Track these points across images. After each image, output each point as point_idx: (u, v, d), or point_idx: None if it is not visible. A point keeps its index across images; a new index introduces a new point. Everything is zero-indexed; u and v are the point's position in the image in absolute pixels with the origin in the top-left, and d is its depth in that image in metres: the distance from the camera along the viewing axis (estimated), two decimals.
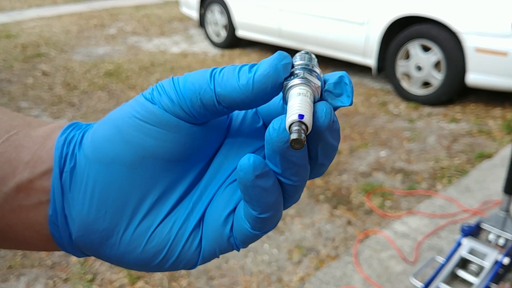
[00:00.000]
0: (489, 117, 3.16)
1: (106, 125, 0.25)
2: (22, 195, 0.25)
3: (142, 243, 0.26)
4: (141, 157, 0.25)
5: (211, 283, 1.73)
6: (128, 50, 5.16)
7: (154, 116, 0.24)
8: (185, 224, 0.26)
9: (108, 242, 0.26)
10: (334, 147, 0.24)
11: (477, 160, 2.60)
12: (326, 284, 1.72)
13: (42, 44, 5.41)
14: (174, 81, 0.25)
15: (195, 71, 0.25)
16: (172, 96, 0.24)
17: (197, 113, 0.24)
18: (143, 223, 0.26)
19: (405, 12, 3.34)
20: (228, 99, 0.24)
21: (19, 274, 1.78)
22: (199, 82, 0.24)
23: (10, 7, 7.93)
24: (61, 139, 0.26)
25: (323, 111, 0.23)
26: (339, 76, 0.24)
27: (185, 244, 0.26)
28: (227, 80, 0.23)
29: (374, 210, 2.16)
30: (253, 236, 0.26)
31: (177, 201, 0.27)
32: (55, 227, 0.26)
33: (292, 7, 4.10)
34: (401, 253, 1.87)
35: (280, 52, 0.24)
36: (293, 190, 0.25)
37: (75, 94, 3.83)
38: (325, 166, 0.26)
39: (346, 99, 0.24)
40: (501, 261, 1.59)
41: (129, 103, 0.25)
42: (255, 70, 0.23)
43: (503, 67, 2.96)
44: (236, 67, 0.24)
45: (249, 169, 0.23)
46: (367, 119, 3.19)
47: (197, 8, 5.30)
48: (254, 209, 0.24)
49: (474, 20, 3.04)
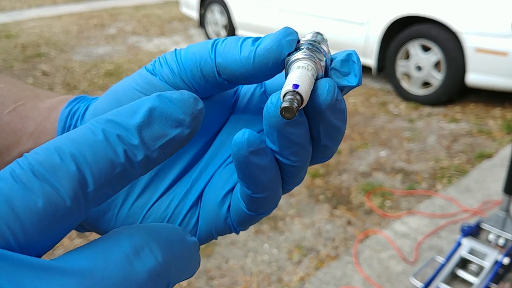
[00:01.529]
0: (489, 117, 3.16)
1: (108, 97, 0.25)
2: None
3: (139, 219, 0.25)
4: None
5: (211, 283, 1.73)
6: (128, 50, 5.16)
7: (154, 87, 0.24)
8: (182, 202, 0.26)
9: (105, 216, 0.25)
10: (338, 128, 0.23)
11: (477, 160, 2.60)
12: (326, 284, 1.72)
13: (42, 44, 5.41)
14: (176, 52, 0.24)
15: (198, 42, 0.24)
16: (173, 67, 0.24)
17: (198, 85, 0.24)
18: (140, 199, 0.25)
19: (405, 12, 3.34)
20: (228, 71, 0.23)
21: None
22: (200, 53, 0.23)
23: (10, 7, 7.92)
24: (66, 111, 0.26)
25: (326, 87, 0.21)
26: (347, 54, 0.23)
27: (182, 223, 0.26)
28: (229, 51, 0.23)
29: (374, 210, 2.16)
30: (249, 217, 0.25)
31: (176, 178, 0.26)
32: None
33: (292, 7, 4.10)
34: (401, 253, 1.87)
35: (286, 27, 0.23)
36: (292, 171, 0.23)
37: (75, 94, 3.83)
38: (330, 148, 0.24)
39: (354, 78, 0.22)
40: (501, 261, 1.59)
41: (132, 75, 0.25)
42: (258, 44, 0.22)
43: (503, 67, 2.95)
44: (239, 38, 0.23)
45: (242, 145, 0.21)
46: (367, 119, 3.19)
47: (197, 8, 5.30)
48: (248, 187, 0.23)
49: (474, 20, 3.04)
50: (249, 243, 1.94)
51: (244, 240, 1.96)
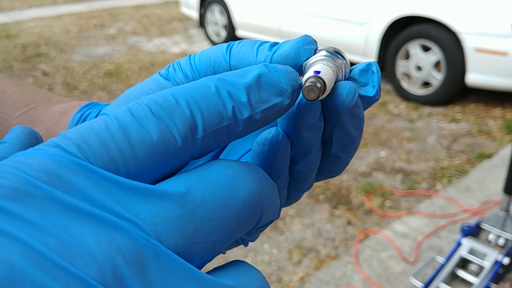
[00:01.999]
0: (489, 117, 3.16)
1: (120, 102, 0.25)
2: None
3: None
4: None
5: None
6: (128, 50, 5.16)
7: None
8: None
9: None
10: (352, 137, 0.22)
11: (477, 160, 2.61)
12: (326, 284, 1.72)
13: (42, 44, 5.41)
14: (190, 57, 0.24)
15: (212, 46, 0.24)
16: (187, 72, 0.23)
17: None
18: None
19: (405, 12, 3.34)
20: None
21: None
22: (215, 55, 0.23)
23: (10, 7, 7.92)
24: (77, 116, 0.25)
25: (346, 88, 0.20)
26: (367, 64, 0.22)
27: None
28: (244, 53, 0.22)
29: (374, 210, 2.16)
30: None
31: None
32: None
33: (292, 7, 4.10)
34: (401, 253, 1.87)
35: (306, 35, 0.22)
36: (298, 177, 0.23)
37: (75, 94, 3.83)
38: (340, 160, 0.23)
39: (371, 89, 0.22)
40: (501, 261, 1.59)
41: (145, 81, 0.25)
42: (275, 49, 0.22)
43: (503, 67, 2.95)
44: (256, 42, 0.23)
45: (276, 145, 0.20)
46: (367, 119, 3.19)
47: (197, 8, 5.30)
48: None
49: (474, 20, 3.04)
50: (249, 243, 1.94)
51: None
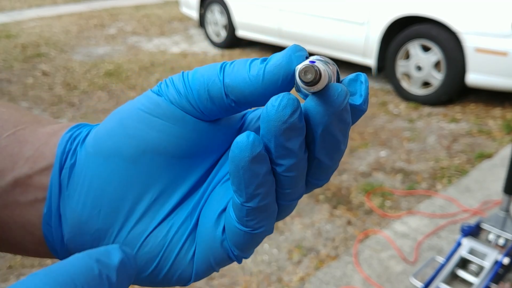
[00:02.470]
0: (489, 117, 3.16)
1: (110, 119, 0.25)
2: (19, 190, 0.24)
3: (135, 248, 0.24)
4: (142, 150, 0.24)
5: (211, 283, 1.73)
6: (128, 50, 5.16)
7: (159, 107, 0.23)
8: (182, 228, 0.25)
9: (100, 245, 0.24)
10: (338, 142, 0.22)
11: (477, 160, 2.60)
12: (326, 284, 1.72)
13: (42, 44, 5.41)
14: (183, 74, 0.24)
15: (206, 65, 0.24)
16: (179, 88, 0.23)
17: (204, 107, 0.23)
18: (138, 225, 0.24)
19: (405, 12, 3.34)
20: (237, 91, 0.22)
21: (19, 274, 1.78)
22: (208, 74, 0.23)
23: (10, 7, 7.93)
24: (66, 136, 0.25)
25: (338, 89, 0.20)
26: (355, 74, 0.23)
27: (180, 251, 0.24)
28: (237, 71, 0.22)
29: (374, 210, 2.16)
30: (244, 236, 0.23)
31: (177, 203, 0.25)
32: (48, 228, 0.25)
33: (292, 7, 4.10)
34: (401, 253, 1.87)
35: (295, 44, 0.22)
36: (287, 184, 0.22)
37: (75, 94, 3.83)
38: (326, 167, 0.23)
39: (359, 98, 0.22)
40: (501, 261, 1.59)
41: (136, 98, 0.25)
42: (267, 61, 0.22)
43: (503, 67, 2.95)
44: (248, 59, 0.23)
45: (246, 148, 0.20)
46: (367, 119, 3.19)
47: (197, 8, 5.30)
48: (240, 194, 0.22)
49: (474, 20, 3.04)
50: None
51: None
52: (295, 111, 0.20)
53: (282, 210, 0.24)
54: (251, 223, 0.23)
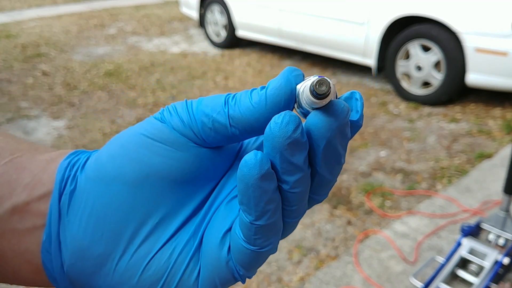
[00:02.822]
0: (489, 117, 3.16)
1: (112, 145, 0.25)
2: (17, 217, 0.24)
3: (139, 271, 0.24)
4: (145, 175, 0.24)
5: None
6: (128, 50, 5.16)
7: (162, 133, 0.24)
8: (185, 250, 0.25)
9: (102, 270, 0.24)
10: (338, 156, 0.23)
11: (477, 160, 2.60)
12: (326, 284, 1.72)
13: (42, 44, 5.41)
14: (187, 103, 0.24)
15: (210, 96, 0.24)
16: (183, 117, 0.24)
17: (207, 136, 0.23)
18: (141, 249, 0.24)
19: (405, 12, 3.34)
20: (243, 121, 0.23)
21: None
22: (213, 105, 0.23)
23: (10, 7, 7.93)
24: (65, 163, 0.25)
25: (341, 105, 0.21)
26: (350, 92, 0.24)
27: (185, 272, 0.24)
28: (240, 101, 0.23)
29: (374, 210, 2.16)
30: (250, 255, 0.23)
31: (180, 225, 0.25)
32: (47, 255, 0.24)
33: (292, 7, 4.10)
34: (401, 253, 1.87)
35: (289, 66, 0.23)
36: (293, 199, 0.23)
37: (75, 94, 3.83)
38: (326, 182, 0.24)
39: (355, 114, 0.24)
40: (501, 261, 1.59)
41: (138, 124, 0.25)
42: (267, 86, 0.23)
43: (503, 67, 2.95)
44: (248, 90, 0.23)
45: (255, 166, 0.21)
46: (367, 119, 3.19)
47: (197, 8, 5.30)
48: (249, 213, 0.22)
49: (474, 20, 3.04)
50: None
51: None
52: (297, 127, 0.21)
53: (287, 228, 0.25)
54: (258, 242, 0.23)
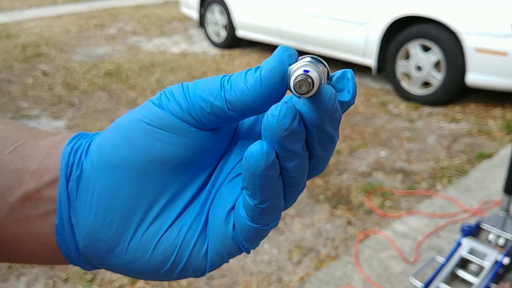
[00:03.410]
0: (489, 117, 3.16)
1: (113, 131, 0.25)
2: (29, 205, 0.25)
3: (150, 250, 0.25)
4: (149, 161, 0.24)
5: (211, 283, 1.73)
6: (128, 50, 5.16)
7: (162, 120, 0.24)
8: (192, 227, 0.26)
9: (115, 250, 0.25)
10: (332, 137, 0.24)
11: (477, 160, 2.60)
12: (326, 284, 1.72)
13: (42, 44, 5.41)
14: (183, 87, 0.24)
15: (205, 78, 0.24)
16: (181, 102, 0.24)
17: (206, 120, 0.24)
18: (150, 229, 0.25)
19: (405, 12, 3.34)
20: (240, 104, 0.23)
21: (19, 274, 1.78)
22: (210, 89, 0.24)
23: (10, 7, 7.93)
24: (68, 148, 0.26)
25: (328, 93, 0.22)
26: (342, 71, 0.24)
27: (194, 248, 0.26)
28: (236, 85, 0.23)
29: (374, 210, 2.16)
30: (254, 231, 0.25)
31: (185, 205, 0.26)
32: (61, 238, 0.25)
33: (292, 7, 4.10)
34: (401, 253, 1.87)
35: (282, 46, 0.23)
36: (293, 182, 0.24)
37: (75, 94, 3.83)
38: (322, 159, 0.25)
39: (346, 94, 0.24)
40: (501, 261, 1.59)
41: (137, 108, 0.25)
42: (260, 68, 0.23)
43: (503, 67, 2.95)
44: (242, 72, 0.24)
45: (261, 157, 0.22)
46: (367, 119, 3.19)
47: (197, 8, 5.30)
48: (254, 198, 0.23)
49: (474, 20, 3.04)
50: None
51: None
52: (294, 118, 0.21)
53: (287, 205, 0.26)
54: (262, 221, 0.24)
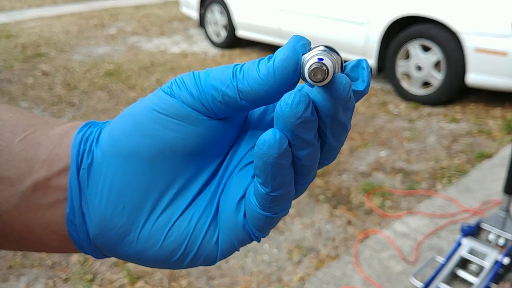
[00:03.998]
0: (489, 117, 3.16)
1: (124, 120, 0.25)
2: (39, 193, 0.25)
3: (161, 238, 0.25)
4: (160, 150, 0.24)
5: (211, 283, 1.73)
6: (128, 50, 5.16)
7: (174, 109, 0.24)
8: (203, 216, 0.26)
9: (126, 239, 0.25)
10: (344, 126, 0.23)
11: (477, 160, 2.60)
12: (326, 284, 1.72)
13: (42, 44, 5.41)
14: (195, 75, 0.24)
15: (216, 67, 0.24)
16: (192, 91, 0.24)
17: (218, 109, 0.24)
18: (161, 218, 0.25)
19: (405, 12, 3.34)
20: (252, 94, 0.23)
21: (19, 274, 1.78)
22: (222, 78, 0.23)
23: (10, 7, 7.93)
24: (78, 137, 0.26)
25: (343, 82, 0.21)
26: (357, 60, 0.24)
27: (205, 237, 0.26)
28: (248, 74, 0.23)
29: (374, 210, 2.16)
30: (265, 220, 0.25)
31: (196, 194, 0.26)
32: (72, 226, 0.25)
33: (292, 7, 4.10)
34: (401, 253, 1.87)
35: (295, 35, 0.23)
36: (304, 170, 0.24)
37: (75, 94, 3.83)
38: (334, 148, 0.25)
39: (361, 83, 0.23)
40: (501, 261, 1.59)
41: (147, 97, 0.25)
42: (274, 58, 0.23)
43: (503, 67, 2.95)
44: (255, 61, 0.23)
45: (274, 145, 0.22)
46: (367, 119, 3.19)
47: (197, 8, 5.30)
48: (266, 186, 0.23)
49: (474, 20, 3.04)
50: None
51: None
52: (307, 106, 0.21)
53: (298, 193, 0.26)
54: (273, 209, 0.24)
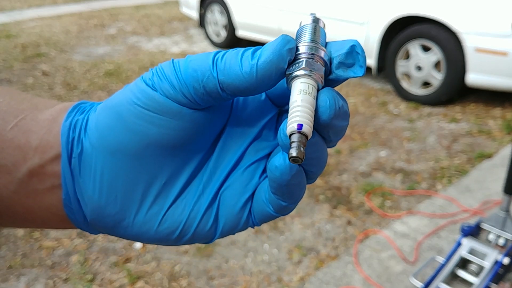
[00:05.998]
0: (489, 117, 3.16)
1: (108, 112, 0.25)
2: (35, 180, 0.25)
3: (155, 225, 0.26)
4: (145, 145, 0.25)
5: (211, 283, 1.73)
6: (128, 50, 5.16)
7: (156, 103, 0.24)
8: (197, 205, 0.27)
9: (121, 224, 0.26)
10: (344, 127, 0.24)
11: (477, 160, 2.60)
12: (326, 284, 1.72)
13: (42, 44, 5.41)
14: (175, 65, 0.24)
15: (197, 55, 0.24)
16: (173, 82, 0.24)
17: (200, 99, 0.24)
18: (153, 207, 0.26)
19: (405, 12, 3.34)
20: (232, 87, 0.23)
21: (19, 274, 1.78)
22: (201, 69, 0.23)
23: (10, 7, 7.92)
24: (66, 124, 0.26)
25: (327, 102, 0.22)
26: (350, 46, 0.23)
27: (199, 224, 0.27)
28: (230, 67, 0.23)
29: (374, 210, 2.16)
30: (274, 217, 0.27)
31: (185, 184, 0.27)
32: (69, 209, 0.26)
33: (292, 7, 4.10)
34: (401, 253, 1.87)
35: (283, 36, 0.23)
36: (314, 177, 0.26)
37: (75, 94, 3.83)
38: (334, 143, 0.26)
39: (359, 69, 0.23)
40: (501, 261, 1.59)
41: (130, 87, 0.25)
42: (258, 57, 0.22)
43: (503, 67, 2.95)
44: (238, 52, 0.23)
45: (286, 170, 0.23)
46: (367, 119, 3.19)
47: (197, 8, 5.29)
48: (285, 200, 0.25)
49: (474, 20, 3.04)
50: (249, 243, 1.94)
51: (244, 240, 1.96)
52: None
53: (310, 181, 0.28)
54: (286, 211, 0.26)
